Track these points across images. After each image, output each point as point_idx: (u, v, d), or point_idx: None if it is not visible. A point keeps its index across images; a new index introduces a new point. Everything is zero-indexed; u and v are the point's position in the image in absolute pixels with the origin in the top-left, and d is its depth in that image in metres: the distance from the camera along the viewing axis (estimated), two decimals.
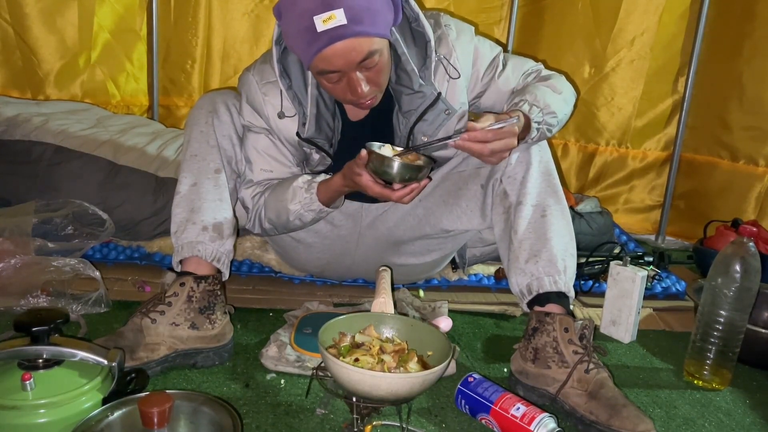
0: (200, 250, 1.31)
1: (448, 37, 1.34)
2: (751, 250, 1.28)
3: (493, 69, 1.40)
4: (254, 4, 2.26)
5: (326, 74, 1.20)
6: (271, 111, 1.35)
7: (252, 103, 1.37)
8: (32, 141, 1.80)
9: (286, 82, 1.31)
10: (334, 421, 1.13)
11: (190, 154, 1.38)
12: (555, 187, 1.33)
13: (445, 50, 1.33)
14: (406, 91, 1.32)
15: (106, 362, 1.02)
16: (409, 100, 1.32)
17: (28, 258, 1.50)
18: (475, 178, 1.42)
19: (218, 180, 1.36)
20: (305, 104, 1.32)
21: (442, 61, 1.33)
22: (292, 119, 1.35)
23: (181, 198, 1.35)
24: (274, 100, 1.35)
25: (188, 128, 1.41)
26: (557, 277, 1.26)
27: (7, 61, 2.13)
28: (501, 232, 1.36)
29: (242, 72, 1.40)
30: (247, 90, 1.37)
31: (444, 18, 1.37)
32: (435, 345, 1.16)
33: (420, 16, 1.29)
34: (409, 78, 1.30)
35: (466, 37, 1.37)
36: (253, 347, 1.38)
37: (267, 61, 1.35)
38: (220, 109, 1.40)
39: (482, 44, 1.40)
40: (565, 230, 1.31)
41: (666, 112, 2.34)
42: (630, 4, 2.22)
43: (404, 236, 1.52)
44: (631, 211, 2.45)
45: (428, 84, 1.31)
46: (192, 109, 1.43)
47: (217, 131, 1.38)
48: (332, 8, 1.12)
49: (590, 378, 1.17)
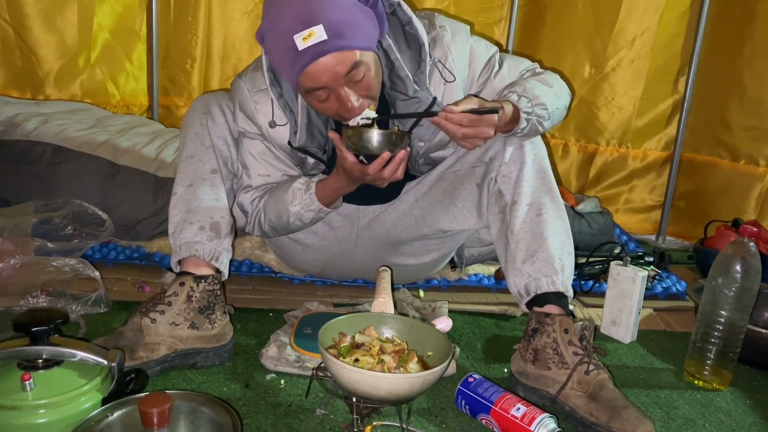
0: (198, 249, 1.30)
1: (443, 38, 1.33)
2: (751, 250, 1.28)
3: (489, 69, 1.39)
4: (254, 4, 2.26)
5: (314, 92, 1.20)
6: (263, 119, 1.35)
7: (244, 110, 1.37)
8: (32, 141, 1.79)
9: (277, 90, 1.30)
10: (334, 421, 1.13)
11: (185, 156, 1.38)
12: (550, 185, 1.33)
13: (440, 53, 1.32)
14: (401, 97, 1.30)
15: (105, 362, 1.02)
16: (404, 106, 1.31)
17: (28, 258, 1.50)
18: (470, 177, 1.41)
19: (214, 180, 1.37)
20: (296, 113, 1.32)
21: (437, 65, 1.32)
22: (284, 127, 1.35)
23: (177, 199, 1.35)
24: (266, 108, 1.34)
25: (183, 130, 1.41)
26: (555, 277, 1.26)
27: (6, 61, 2.13)
28: (497, 232, 1.36)
29: (234, 78, 1.40)
30: (239, 97, 1.37)
31: (438, 18, 1.36)
32: (435, 345, 1.16)
33: (413, 19, 1.28)
34: (404, 84, 1.29)
35: (462, 38, 1.36)
36: (253, 347, 1.37)
37: (258, 68, 1.34)
38: (214, 111, 1.40)
39: (478, 44, 1.39)
40: (562, 228, 1.31)
41: (666, 112, 2.34)
42: (630, 4, 2.22)
43: (402, 237, 1.52)
44: (632, 211, 2.45)
45: (423, 89, 1.30)
46: (187, 112, 1.43)
47: (212, 132, 1.38)
48: (311, 25, 1.12)
49: (590, 379, 1.17)
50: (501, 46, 2.38)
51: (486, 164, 1.37)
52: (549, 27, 2.34)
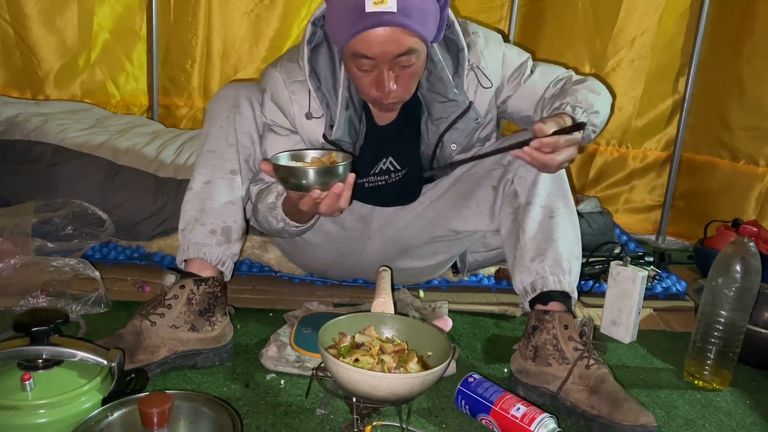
0: (206, 252, 1.29)
1: (476, 45, 1.34)
2: (751, 250, 1.28)
3: (520, 73, 1.39)
4: (254, 4, 2.26)
5: (360, 58, 1.18)
6: (297, 110, 1.33)
7: (278, 101, 1.34)
8: (32, 141, 1.79)
9: (315, 82, 1.30)
10: (334, 421, 1.13)
11: (207, 150, 1.34)
12: (565, 190, 1.34)
13: (474, 58, 1.33)
14: (440, 99, 1.32)
15: (105, 362, 1.02)
16: (441, 108, 1.32)
17: (28, 258, 1.49)
18: (487, 180, 1.42)
19: (233, 182, 1.33)
20: (334, 106, 1.31)
21: (474, 70, 1.33)
22: (319, 121, 1.33)
23: (192, 195, 1.33)
24: (302, 100, 1.32)
25: (208, 121, 1.36)
26: (562, 276, 1.26)
27: (6, 61, 2.13)
28: (508, 231, 1.36)
29: (267, 68, 1.37)
30: (273, 87, 1.34)
31: (471, 26, 1.37)
32: (435, 345, 1.16)
33: (455, 23, 1.30)
34: (444, 86, 1.30)
35: (495, 44, 1.37)
36: (253, 347, 1.37)
37: (293, 59, 1.33)
38: (243, 104, 1.35)
39: (510, 50, 1.41)
40: (572, 233, 1.32)
41: (666, 112, 2.34)
42: (630, 4, 2.22)
43: (412, 239, 1.52)
44: (632, 211, 2.45)
45: (461, 92, 1.31)
46: (213, 100, 1.38)
47: (238, 128, 1.34)
48: None
49: (591, 373, 1.17)
50: None
51: (504, 167, 1.38)
52: (549, 27, 2.34)
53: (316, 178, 1.12)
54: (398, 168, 1.44)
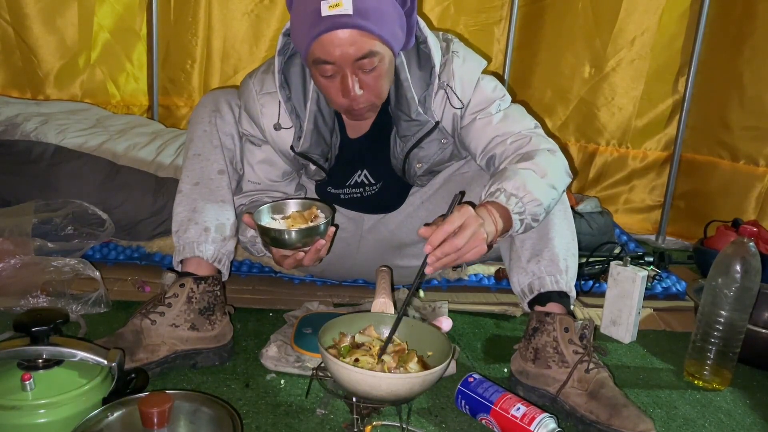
0: (202, 250, 1.30)
1: (452, 63, 1.29)
2: (751, 250, 1.28)
3: (483, 108, 1.31)
4: (254, 4, 2.26)
5: (321, 64, 1.17)
6: (267, 122, 1.34)
7: (249, 112, 1.36)
8: (32, 141, 1.80)
9: (286, 93, 1.30)
10: (334, 421, 1.13)
11: (193, 153, 1.37)
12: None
13: (446, 77, 1.29)
14: (404, 117, 1.30)
15: (105, 362, 1.02)
16: (406, 126, 1.31)
17: (28, 258, 1.50)
18: (478, 179, 1.41)
19: (221, 181, 1.36)
20: (303, 118, 1.31)
21: (445, 88, 1.30)
22: (289, 131, 1.33)
23: (183, 197, 1.34)
24: (271, 111, 1.33)
25: (191, 126, 1.40)
26: (559, 276, 1.26)
27: (7, 61, 2.13)
28: None
29: (244, 77, 1.38)
30: (246, 98, 1.36)
31: (456, 45, 1.33)
32: (435, 345, 1.16)
33: (428, 39, 1.27)
34: (408, 105, 1.28)
35: (472, 68, 1.32)
36: (253, 347, 1.37)
37: (270, 70, 1.33)
38: (223, 108, 1.39)
39: (488, 82, 1.33)
40: (567, 230, 1.31)
41: (666, 112, 2.34)
42: (630, 4, 2.22)
43: (406, 239, 1.52)
44: (632, 211, 2.45)
45: (427, 112, 1.29)
46: (195, 107, 1.42)
47: (220, 129, 1.37)
48: None
49: (590, 378, 1.17)
50: (501, 47, 2.38)
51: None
52: (549, 27, 2.34)
53: (299, 238, 1.19)
54: (373, 182, 1.45)
